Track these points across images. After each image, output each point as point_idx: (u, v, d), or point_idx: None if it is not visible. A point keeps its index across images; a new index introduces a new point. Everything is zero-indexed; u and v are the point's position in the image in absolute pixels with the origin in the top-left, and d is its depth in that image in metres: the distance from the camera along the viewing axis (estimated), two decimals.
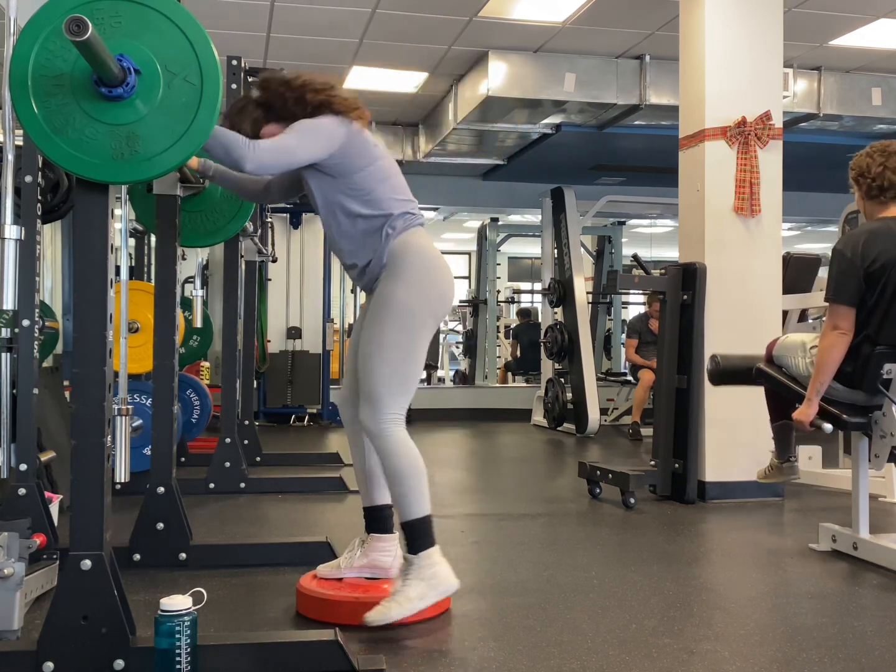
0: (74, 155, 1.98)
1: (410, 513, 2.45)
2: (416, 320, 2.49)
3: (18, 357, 2.91)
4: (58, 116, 1.97)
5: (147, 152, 2.00)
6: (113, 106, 2.01)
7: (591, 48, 6.45)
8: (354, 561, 2.61)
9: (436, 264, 2.56)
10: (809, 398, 3.09)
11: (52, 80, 1.98)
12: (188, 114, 2.03)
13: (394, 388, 2.47)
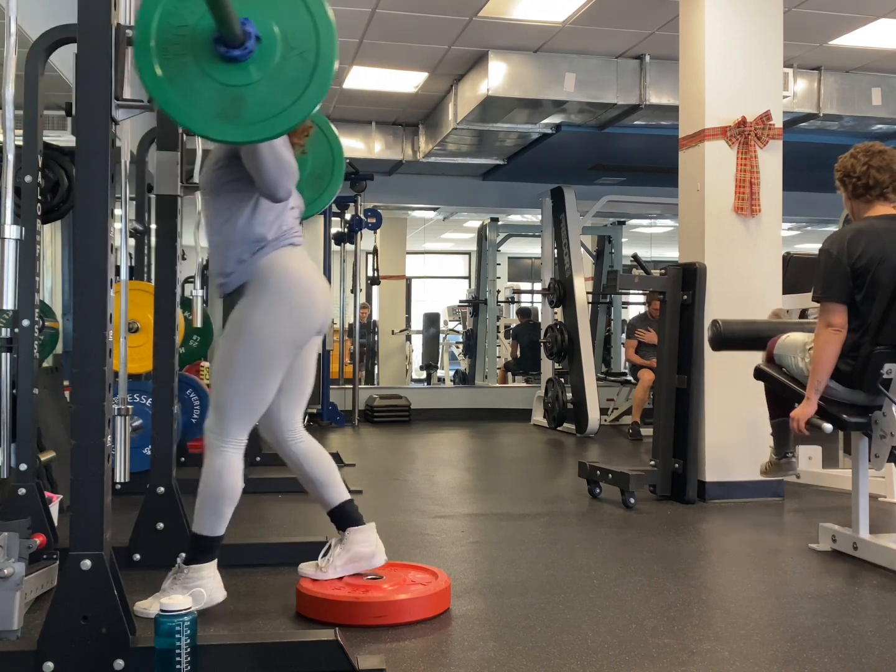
0: (180, 105, 2.00)
1: (204, 528, 2.52)
2: (269, 348, 2.46)
3: (18, 357, 2.91)
4: (173, 64, 2.00)
5: (250, 117, 2.02)
6: (227, 66, 2.03)
7: (591, 48, 6.45)
8: (335, 560, 2.62)
9: (299, 287, 2.51)
10: (808, 397, 3.10)
11: (176, 29, 2.00)
12: (297, 89, 2.04)
13: (238, 411, 2.48)
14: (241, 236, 2.49)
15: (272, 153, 2.34)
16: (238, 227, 2.49)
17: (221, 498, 2.49)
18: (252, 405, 2.50)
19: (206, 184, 2.57)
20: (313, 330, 2.57)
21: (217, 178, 2.53)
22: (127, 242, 3.77)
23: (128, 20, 2.10)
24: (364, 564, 2.63)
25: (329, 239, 8.29)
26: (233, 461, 2.49)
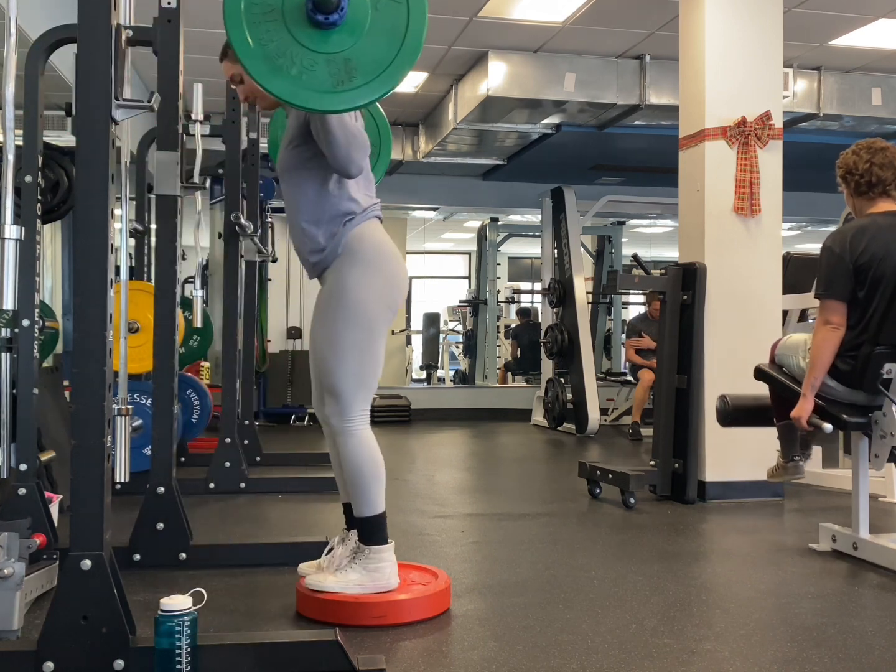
0: (295, 89, 1.99)
1: (366, 510, 2.51)
2: (371, 315, 2.49)
3: (18, 357, 2.91)
4: (272, 49, 1.98)
5: (364, 77, 2.02)
6: (326, 34, 2.02)
7: (591, 48, 6.45)
8: (338, 560, 2.59)
9: (388, 255, 2.55)
10: (804, 394, 3.11)
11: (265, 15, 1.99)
12: (398, 34, 2.04)
13: (355, 385, 2.49)
14: (331, 212, 2.51)
15: (342, 128, 2.31)
16: (327, 203, 2.50)
17: (372, 475, 2.49)
18: (366, 377, 2.51)
19: (286, 164, 2.57)
20: (403, 296, 2.60)
21: (295, 157, 2.53)
22: (127, 242, 3.77)
23: (128, 20, 2.09)
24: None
25: None
26: (365, 434, 2.50)
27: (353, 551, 2.53)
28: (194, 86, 4.02)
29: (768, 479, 3.63)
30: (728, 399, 3.59)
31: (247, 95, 2.64)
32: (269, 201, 7.60)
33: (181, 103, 3.12)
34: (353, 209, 2.52)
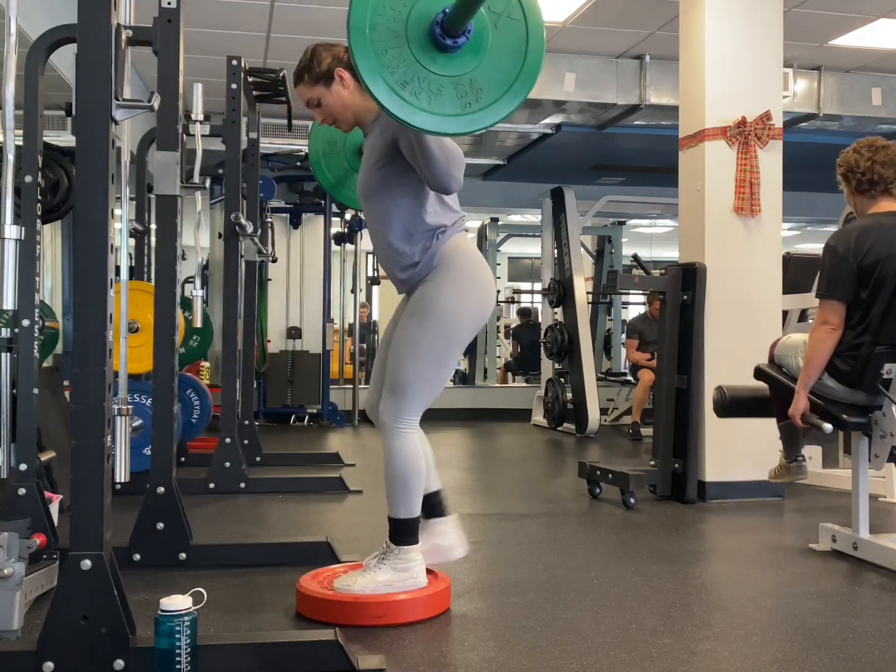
0: (427, 114, 2.00)
1: (403, 513, 2.51)
2: (457, 328, 2.50)
3: (18, 357, 2.91)
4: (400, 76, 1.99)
5: (491, 97, 2.03)
6: (451, 58, 2.03)
7: (591, 48, 6.45)
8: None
9: (481, 271, 2.56)
10: (798, 392, 3.11)
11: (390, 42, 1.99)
12: (519, 51, 2.05)
13: (420, 391, 2.49)
14: (423, 227, 2.50)
15: (439, 145, 2.29)
16: (419, 219, 2.49)
17: (411, 478, 2.49)
18: (434, 386, 2.52)
19: (373, 185, 2.54)
20: (490, 310, 2.60)
21: (382, 177, 2.50)
22: (127, 242, 3.76)
23: (128, 20, 2.09)
24: (444, 555, 2.63)
25: (329, 239, 8.30)
26: (414, 440, 2.50)
27: (383, 552, 2.54)
28: (194, 86, 4.02)
29: (771, 480, 3.62)
30: (725, 390, 3.61)
31: (325, 118, 2.61)
32: (269, 201, 7.61)
33: (181, 103, 3.12)
34: (445, 222, 2.52)
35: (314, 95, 2.57)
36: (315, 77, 2.55)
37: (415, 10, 2.02)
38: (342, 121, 2.61)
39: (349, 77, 2.53)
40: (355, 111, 2.57)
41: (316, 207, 8.55)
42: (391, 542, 2.53)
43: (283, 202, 8.58)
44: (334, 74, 2.53)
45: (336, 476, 4.73)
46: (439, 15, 2.02)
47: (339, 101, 2.55)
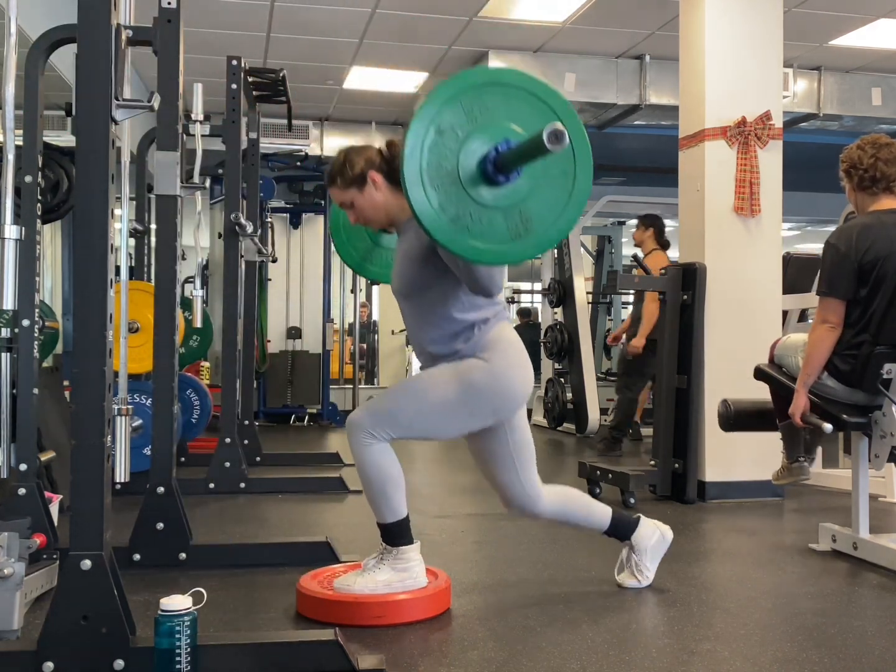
0: (476, 246, 2.05)
1: (386, 517, 2.53)
2: (475, 407, 2.48)
3: (18, 357, 2.91)
4: (452, 211, 2.04)
5: (540, 225, 2.08)
6: (501, 189, 2.08)
7: (591, 48, 6.46)
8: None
9: (520, 361, 2.55)
10: (798, 390, 3.11)
11: (443, 179, 2.04)
12: (568, 178, 2.10)
13: (403, 426, 2.49)
14: (464, 323, 2.50)
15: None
16: (459, 317, 2.50)
17: (387, 484, 2.49)
18: (419, 434, 2.53)
19: (412, 286, 2.54)
20: (522, 404, 2.58)
21: (422, 278, 2.51)
22: (127, 242, 3.77)
23: (128, 20, 2.09)
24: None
25: (329, 239, 8.29)
26: (382, 448, 2.49)
27: (381, 553, 2.55)
28: (194, 86, 4.02)
29: (774, 482, 3.59)
30: (730, 404, 3.56)
31: (357, 218, 2.63)
32: (269, 201, 7.61)
33: (181, 103, 3.12)
34: (487, 315, 2.52)
35: (347, 198, 2.59)
36: (348, 181, 2.57)
37: (465, 147, 2.06)
38: (375, 221, 2.63)
39: (381, 180, 2.56)
40: (388, 212, 2.59)
41: (316, 207, 8.55)
42: (386, 545, 2.54)
43: (283, 202, 8.59)
44: (367, 178, 2.55)
45: (336, 476, 4.73)
46: (492, 153, 2.07)
47: (372, 203, 2.57)
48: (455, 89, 2.08)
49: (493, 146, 2.07)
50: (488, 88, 2.10)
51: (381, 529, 2.55)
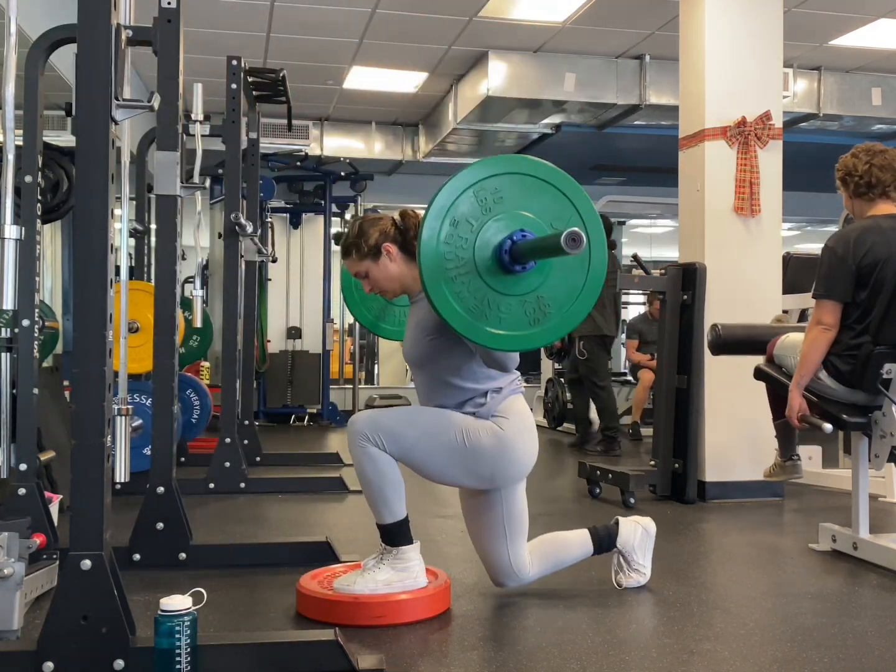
0: (497, 333, 2.10)
1: (385, 518, 2.53)
2: (472, 465, 2.51)
3: (18, 357, 2.91)
4: (470, 300, 2.08)
5: (557, 310, 2.12)
6: (518, 277, 2.12)
7: (591, 48, 6.46)
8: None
9: (528, 436, 2.58)
10: (791, 391, 3.12)
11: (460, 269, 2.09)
12: (583, 263, 2.13)
13: (399, 448, 2.48)
14: (477, 392, 2.55)
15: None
16: (472, 386, 2.54)
17: (385, 485, 2.50)
18: (408, 460, 2.52)
19: (425, 357, 2.58)
20: (519, 478, 2.61)
21: (436, 349, 2.54)
22: (127, 242, 3.77)
23: (128, 20, 2.09)
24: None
25: (329, 239, 8.30)
26: (378, 451, 2.49)
27: (381, 553, 2.55)
28: (194, 86, 4.02)
29: (765, 478, 3.64)
30: (720, 328, 3.71)
31: (372, 288, 2.68)
32: (268, 201, 7.61)
33: (181, 103, 3.12)
34: (501, 385, 2.57)
35: (362, 269, 2.64)
36: (363, 253, 2.62)
37: (480, 237, 2.10)
38: (389, 291, 2.68)
39: (396, 251, 2.61)
40: (402, 282, 2.64)
41: (316, 207, 8.55)
42: (386, 545, 2.54)
43: (283, 202, 8.59)
44: (381, 249, 2.60)
45: (336, 476, 4.73)
46: (507, 242, 2.10)
47: (387, 274, 2.62)
48: (467, 182, 2.13)
49: (509, 235, 2.11)
50: (501, 178, 2.15)
51: (380, 530, 2.56)
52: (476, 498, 2.65)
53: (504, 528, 2.62)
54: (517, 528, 2.65)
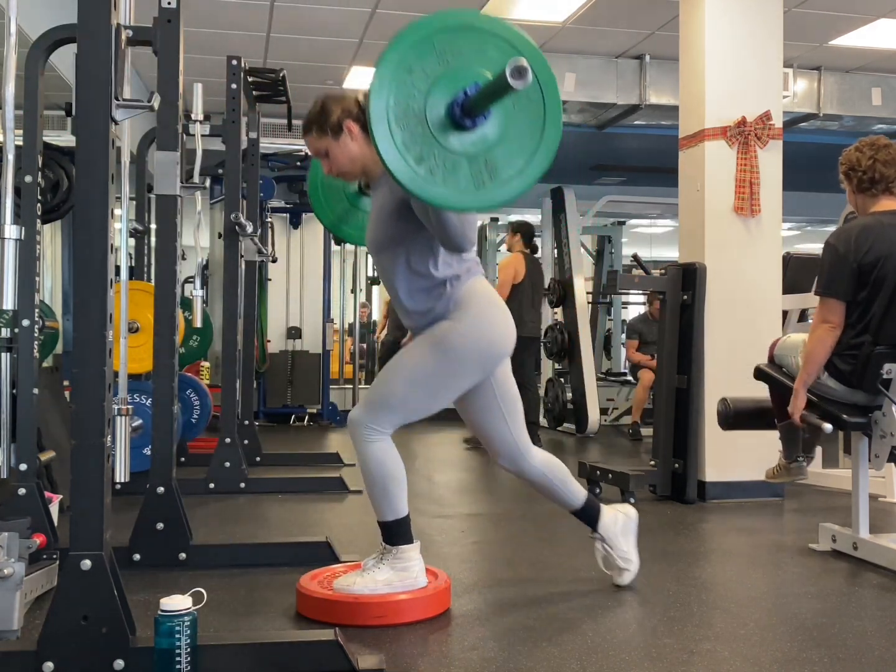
0: (439, 190, 2.02)
1: (386, 515, 2.53)
2: (459, 367, 2.49)
3: (18, 357, 2.91)
4: (417, 154, 2.00)
5: (505, 175, 2.05)
6: (468, 135, 2.04)
7: (591, 48, 6.46)
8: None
9: (499, 316, 2.56)
10: (797, 390, 3.11)
11: (408, 119, 2.01)
12: (536, 130, 2.06)
13: (400, 410, 2.50)
14: (435, 280, 2.51)
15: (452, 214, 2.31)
16: (431, 272, 2.50)
17: (388, 482, 2.50)
18: (417, 412, 2.52)
19: (384, 239, 2.54)
20: (505, 353, 2.58)
21: (395, 233, 2.51)
22: (127, 242, 3.77)
23: (128, 20, 2.09)
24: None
25: (329, 239, 8.30)
26: (384, 445, 2.50)
27: (381, 553, 2.55)
28: (194, 86, 4.02)
29: (768, 480, 3.61)
30: (729, 402, 3.58)
31: (331, 169, 2.61)
32: (268, 201, 7.62)
33: (181, 103, 3.12)
34: (458, 272, 2.53)
35: (322, 147, 2.57)
36: (324, 130, 2.55)
37: (435, 88, 2.04)
38: (349, 173, 2.61)
39: (358, 130, 2.53)
40: (364, 164, 2.57)
41: None
42: (386, 544, 2.54)
43: (283, 202, 8.59)
44: (343, 127, 2.53)
45: (336, 476, 4.73)
46: (459, 96, 2.04)
47: (347, 153, 2.55)
48: (429, 30, 2.05)
49: (463, 90, 2.04)
50: (463, 33, 2.06)
51: (381, 528, 2.56)
52: (467, 394, 2.60)
53: (501, 409, 2.60)
54: (512, 406, 2.63)
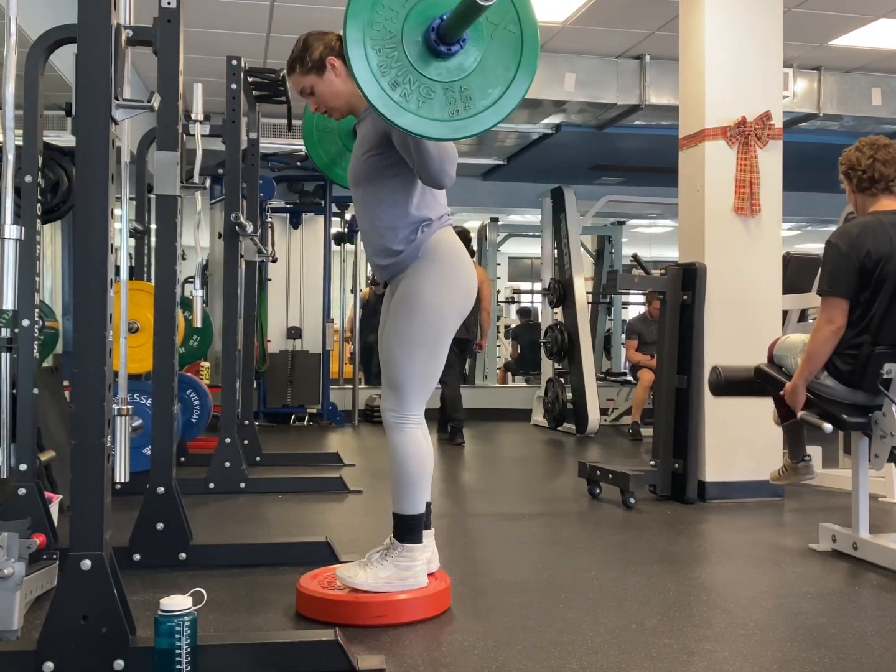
0: (416, 116, 2.00)
1: (408, 508, 2.53)
2: (443, 319, 2.52)
3: (18, 357, 2.91)
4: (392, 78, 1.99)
5: (480, 105, 2.04)
6: (444, 63, 2.03)
7: (591, 48, 6.45)
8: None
9: (462, 264, 2.58)
10: (797, 384, 3.11)
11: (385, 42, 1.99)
12: (512, 62, 2.06)
13: (419, 384, 2.52)
14: (408, 219, 2.52)
15: (435, 142, 2.28)
16: (405, 211, 2.51)
17: (415, 474, 2.51)
18: (429, 378, 2.54)
19: (362, 174, 2.56)
20: (473, 300, 2.61)
21: (373, 167, 2.52)
22: (127, 242, 3.76)
23: (128, 20, 2.09)
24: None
25: (329, 239, 8.30)
26: (417, 435, 2.52)
27: (387, 547, 2.54)
28: (194, 86, 4.02)
29: (774, 482, 3.59)
30: (721, 370, 3.68)
31: (317, 106, 2.62)
32: (268, 201, 7.61)
33: (181, 103, 3.12)
34: (430, 216, 2.53)
35: (306, 84, 2.59)
36: (307, 66, 2.56)
37: (413, 11, 2.03)
38: (334, 109, 2.63)
39: (341, 65, 2.54)
40: (348, 99, 2.58)
41: (316, 207, 8.55)
42: (395, 539, 2.54)
43: (283, 202, 8.58)
44: (326, 63, 2.55)
45: (336, 476, 4.73)
46: (436, 21, 2.03)
47: (332, 89, 2.57)
48: None
49: (440, 14, 2.03)
50: None
51: (395, 520, 2.55)
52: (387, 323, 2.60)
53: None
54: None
